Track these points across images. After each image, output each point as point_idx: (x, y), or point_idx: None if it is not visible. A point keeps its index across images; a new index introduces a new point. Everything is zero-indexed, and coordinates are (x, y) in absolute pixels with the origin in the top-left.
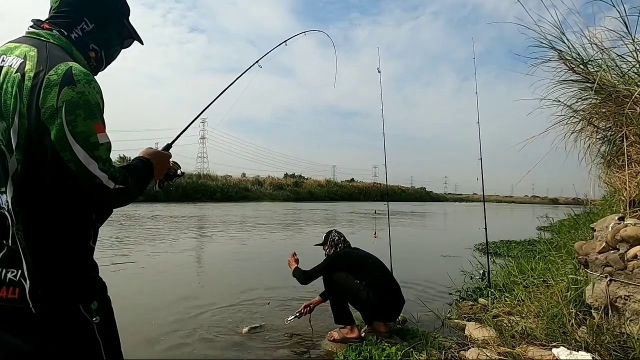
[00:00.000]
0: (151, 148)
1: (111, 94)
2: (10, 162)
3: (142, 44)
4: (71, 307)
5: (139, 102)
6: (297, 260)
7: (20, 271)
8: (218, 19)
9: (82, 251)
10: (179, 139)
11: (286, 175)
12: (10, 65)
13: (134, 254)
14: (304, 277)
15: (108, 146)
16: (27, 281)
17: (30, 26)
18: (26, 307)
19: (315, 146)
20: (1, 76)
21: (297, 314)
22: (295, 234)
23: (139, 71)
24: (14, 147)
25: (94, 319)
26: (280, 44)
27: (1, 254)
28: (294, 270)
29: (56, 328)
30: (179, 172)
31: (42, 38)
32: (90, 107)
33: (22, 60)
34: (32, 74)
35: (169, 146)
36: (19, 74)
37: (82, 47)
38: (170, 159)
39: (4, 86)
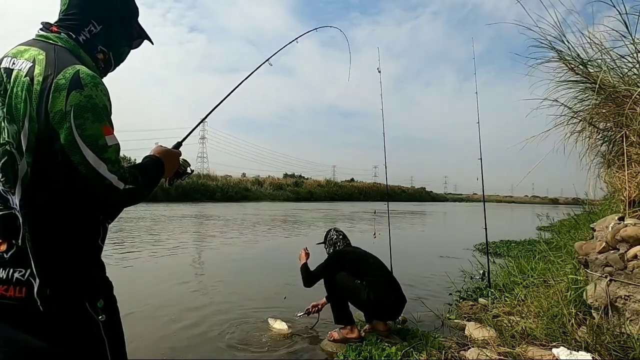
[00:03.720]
0: (161, 146)
1: (115, 95)
2: (21, 165)
3: (152, 43)
4: (78, 305)
5: (139, 102)
6: (307, 255)
7: (29, 270)
8: (218, 18)
9: (89, 250)
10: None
11: (286, 175)
12: (20, 69)
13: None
14: (307, 279)
15: (117, 148)
16: (37, 280)
17: (40, 29)
18: (34, 305)
19: (316, 146)
20: (12, 79)
21: (306, 312)
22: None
23: (140, 71)
24: (24, 150)
25: (99, 317)
26: (291, 42)
27: (10, 253)
28: (302, 266)
29: (63, 326)
30: (188, 170)
31: (51, 41)
32: (98, 110)
33: (31, 64)
34: (40, 78)
35: (179, 144)
36: (28, 77)
37: (90, 49)
38: (180, 157)
39: (15, 90)
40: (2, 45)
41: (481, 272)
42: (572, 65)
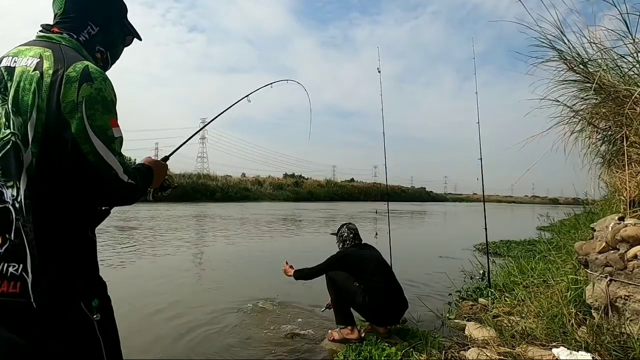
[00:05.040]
0: (150, 157)
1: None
2: (25, 155)
3: (140, 40)
4: (72, 303)
5: (139, 102)
6: (291, 266)
7: (22, 265)
8: (217, 18)
9: (86, 247)
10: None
11: (286, 175)
12: (26, 65)
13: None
14: (307, 274)
15: (121, 140)
16: (30, 275)
17: (40, 30)
18: (27, 301)
19: (316, 146)
20: (15, 75)
21: (327, 306)
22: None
23: (140, 71)
24: (30, 140)
25: (94, 316)
26: (266, 85)
27: (3, 248)
28: (295, 274)
29: (57, 324)
30: (172, 184)
31: (54, 41)
32: (107, 103)
33: (39, 59)
34: (51, 72)
35: (166, 158)
36: (37, 72)
37: (89, 49)
38: (167, 171)
39: (21, 84)
40: (2, 45)
41: (481, 272)
42: (572, 65)
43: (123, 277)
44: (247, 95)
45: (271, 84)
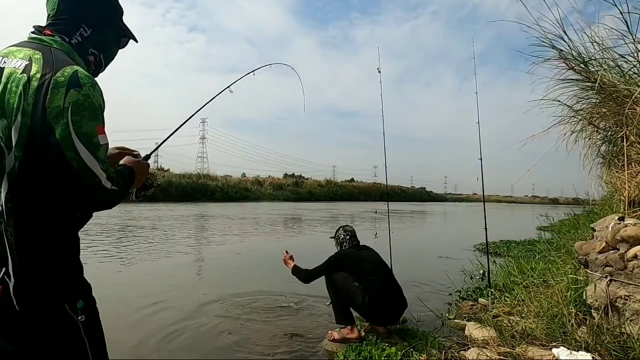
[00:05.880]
0: (131, 157)
1: (115, 95)
2: (8, 159)
3: (136, 41)
4: (56, 306)
5: (139, 102)
6: (292, 257)
7: (4, 269)
8: (217, 18)
9: (69, 250)
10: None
11: (286, 175)
12: (15, 67)
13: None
14: (305, 276)
15: (106, 147)
16: (12, 279)
17: (32, 32)
18: (9, 305)
19: (316, 146)
20: (3, 77)
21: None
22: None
23: (140, 71)
24: (13, 144)
25: (79, 317)
26: (248, 73)
27: None
28: (293, 269)
29: (41, 326)
30: (155, 183)
31: (45, 43)
32: (94, 109)
33: (28, 62)
34: (38, 75)
35: (147, 157)
36: (25, 75)
37: (82, 52)
38: (149, 169)
39: (8, 86)
40: (2, 45)
41: (481, 272)
42: (573, 64)
43: (126, 276)
44: (229, 86)
45: (253, 71)
